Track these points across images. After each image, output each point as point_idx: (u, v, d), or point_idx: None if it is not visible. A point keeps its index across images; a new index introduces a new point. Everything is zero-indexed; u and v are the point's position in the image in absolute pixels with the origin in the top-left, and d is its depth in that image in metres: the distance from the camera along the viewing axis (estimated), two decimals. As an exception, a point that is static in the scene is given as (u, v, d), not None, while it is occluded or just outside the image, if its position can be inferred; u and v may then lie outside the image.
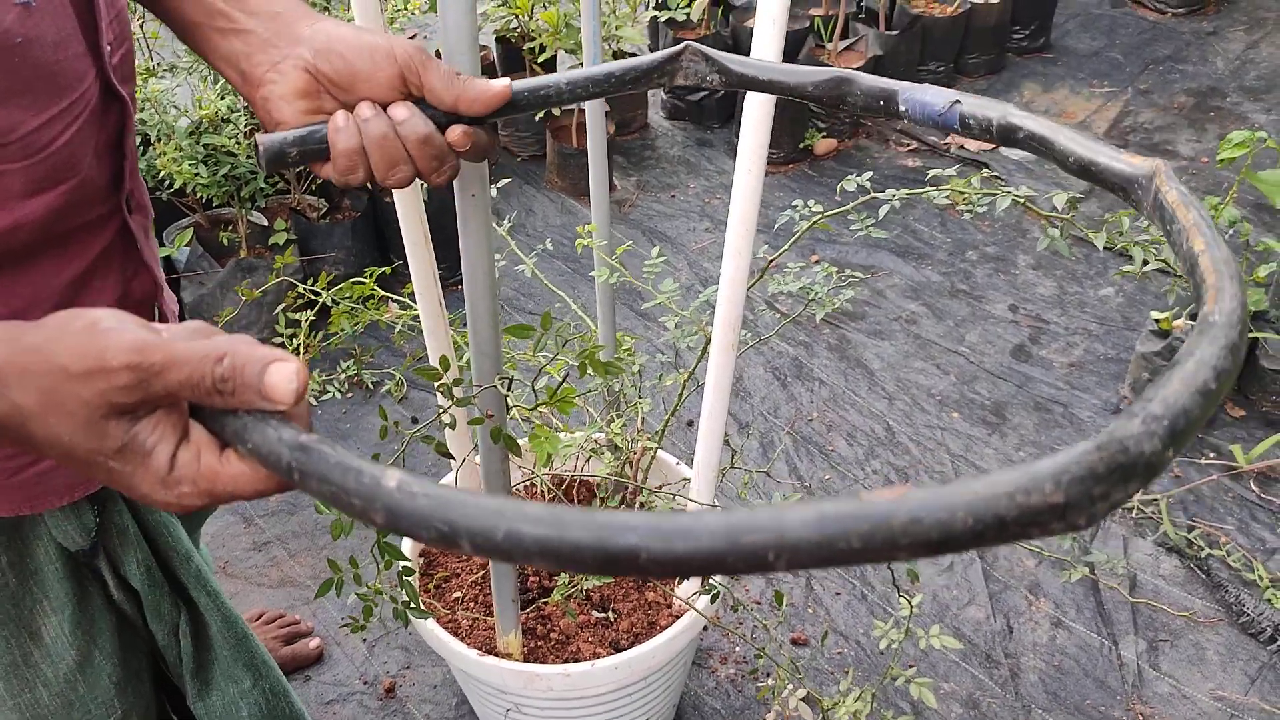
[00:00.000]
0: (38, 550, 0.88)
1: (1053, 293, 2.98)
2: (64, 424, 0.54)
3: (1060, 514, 0.36)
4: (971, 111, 0.67)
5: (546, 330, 0.98)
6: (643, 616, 1.58)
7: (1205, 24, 4.41)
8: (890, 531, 0.36)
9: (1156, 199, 0.56)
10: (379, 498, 0.45)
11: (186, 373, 0.53)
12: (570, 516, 0.40)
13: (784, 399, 2.61)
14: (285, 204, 2.87)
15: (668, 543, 0.38)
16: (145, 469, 0.54)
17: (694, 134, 3.81)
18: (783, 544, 0.36)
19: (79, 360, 0.53)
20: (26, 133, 0.70)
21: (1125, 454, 0.37)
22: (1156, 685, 1.91)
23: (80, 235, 0.80)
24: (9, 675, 0.89)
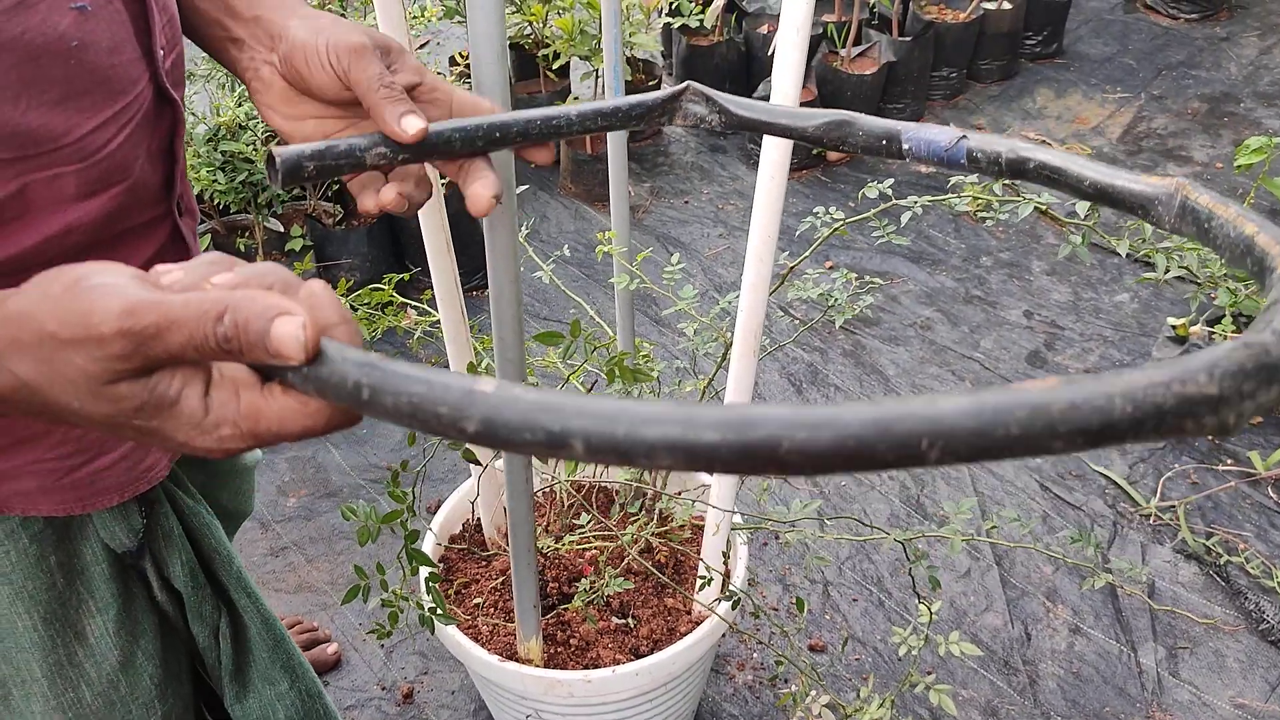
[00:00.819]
0: (84, 551, 0.89)
1: (1067, 299, 2.97)
2: (69, 393, 0.50)
3: (1214, 406, 0.36)
4: (979, 146, 0.67)
5: (576, 337, 0.99)
6: (663, 623, 1.58)
7: (1218, 29, 4.40)
8: (1050, 419, 0.35)
9: (1185, 207, 0.56)
10: (475, 405, 0.41)
11: (186, 334, 0.47)
12: (703, 414, 0.37)
13: (799, 405, 2.61)
14: (301, 210, 2.88)
15: (813, 433, 0.35)
16: (175, 418, 0.50)
17: (707, 140, 3.81)
18: (938, 431, 0.35)
19: (65, 326, 0.48)
20: (81, 135, 0.71)
21: (1268, 355, 0.37)
22: (1176, 692, 1.90)
23: (133, 238, 0.81)
24: (54, 674, 0.90)
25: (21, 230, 0.71)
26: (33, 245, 0.71)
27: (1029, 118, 3.88)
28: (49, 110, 0.68)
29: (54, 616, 0.88)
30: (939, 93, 3.99)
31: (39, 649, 0.88)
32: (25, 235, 0.71)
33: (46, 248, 0.72)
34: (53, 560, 0.87)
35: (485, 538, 1.71)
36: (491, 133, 0.77)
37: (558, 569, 1.64)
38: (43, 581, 0.86)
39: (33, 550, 0.85)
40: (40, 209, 0.71)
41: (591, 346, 1.03)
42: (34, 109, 0.67)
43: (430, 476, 2.42)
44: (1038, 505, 2.30)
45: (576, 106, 0.80)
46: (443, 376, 0.42)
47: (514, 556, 1.34)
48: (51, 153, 0.69)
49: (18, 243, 0.71)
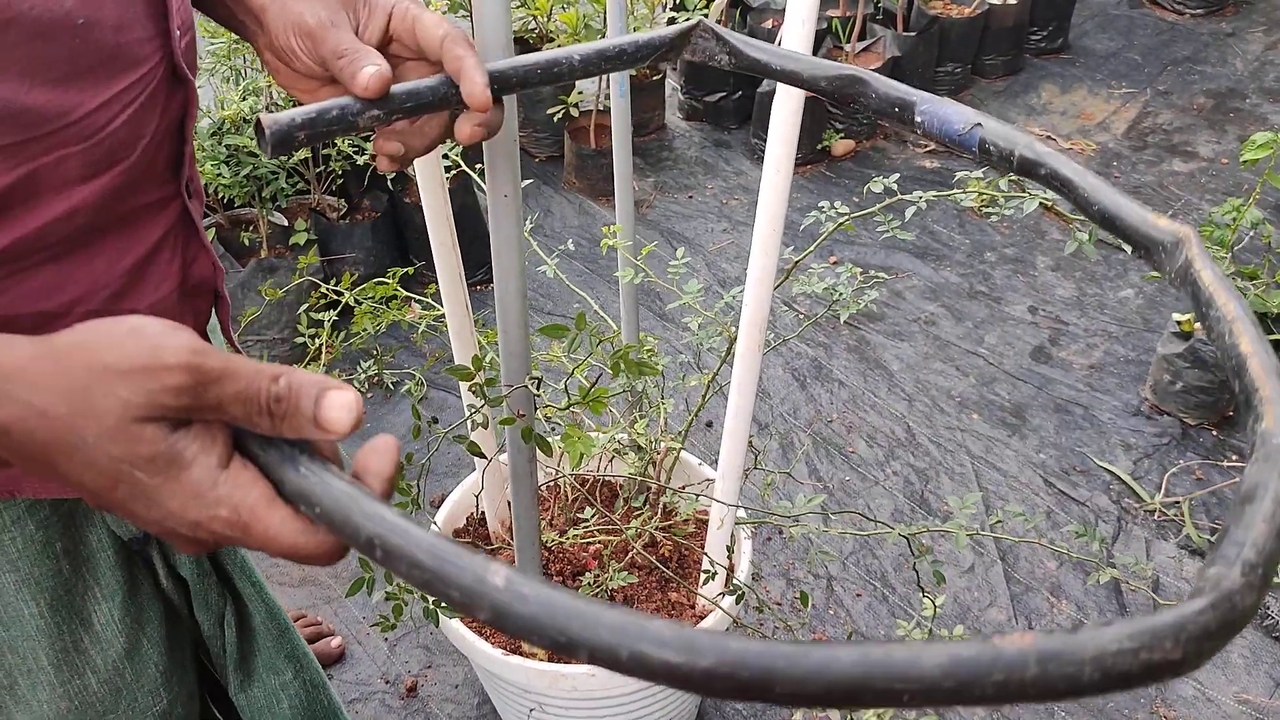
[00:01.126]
0: (90, 537, 0.89)
1: (1072, 294, 2.97)
2: (90, 427, 0.49)
3: (1176, 668, 0.38)
4: (993, 139, 0.65)
5: (581, 330, 0.99)
6: (666, 617, 1.58)
7: (1224, 25, 4.39)
8: (1022, 681, 0.37)
9: (1187, 273, 0.55)
10: (485, 595, 0.42)
11: (243, 384, 0.49)
12: (702, 642, 0.39)
13: (803, 400, 2.61)
14: (305, 204, 2.88)
15: (803, 677, 0.38)
16: (179, 482, 0.50)
17: (711, 135, 3.81)
18: (919, 686, 0.37)
19: (126, 358, 0.49)
20: (85, 114, 0.70)
21: (1233, 610, 0.38)
22: (1180, 688, 1.90)
23: (140, 219, 0.80)
24: (60, 662, 0.90)
25: (27, 215, 0.70)
26: (36, 229, 0.71)
27: (1034, 113, 3.87)
28: (53, 89, 0.68)
29: (60, 603, 0.88)
30: (944, 88, 3.98)
31: (45, 636, 0.88)
32: (30, 219, 0.70)
33: (50, 231, 0.72)
34: (59, 546, 0.87)
35: (489, 531, 1.71)
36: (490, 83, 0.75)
37: (562, 563, 1.64)
38: (49, 568, 0.86)
39: (39, 536, 0.85)
40: (45, 193, 0.71)
41: (596, 340, 1.03)
42: (39, 87, 0.67)
43: (434, 471, 2.42)
44: (1042, 501, 2.30)
45: (578, 48, 0.77)
46: (458, 558, 0.44)
47: (518, 550, 1.34)
48: (56, 133, 0.69)
49: (23, 226, 0.70)
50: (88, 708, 0.93)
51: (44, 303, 0.74)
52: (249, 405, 0.49)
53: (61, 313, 0.75)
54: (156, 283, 0.83)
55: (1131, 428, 2.49)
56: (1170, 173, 3.49)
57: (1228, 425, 2.48)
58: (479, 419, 1.14)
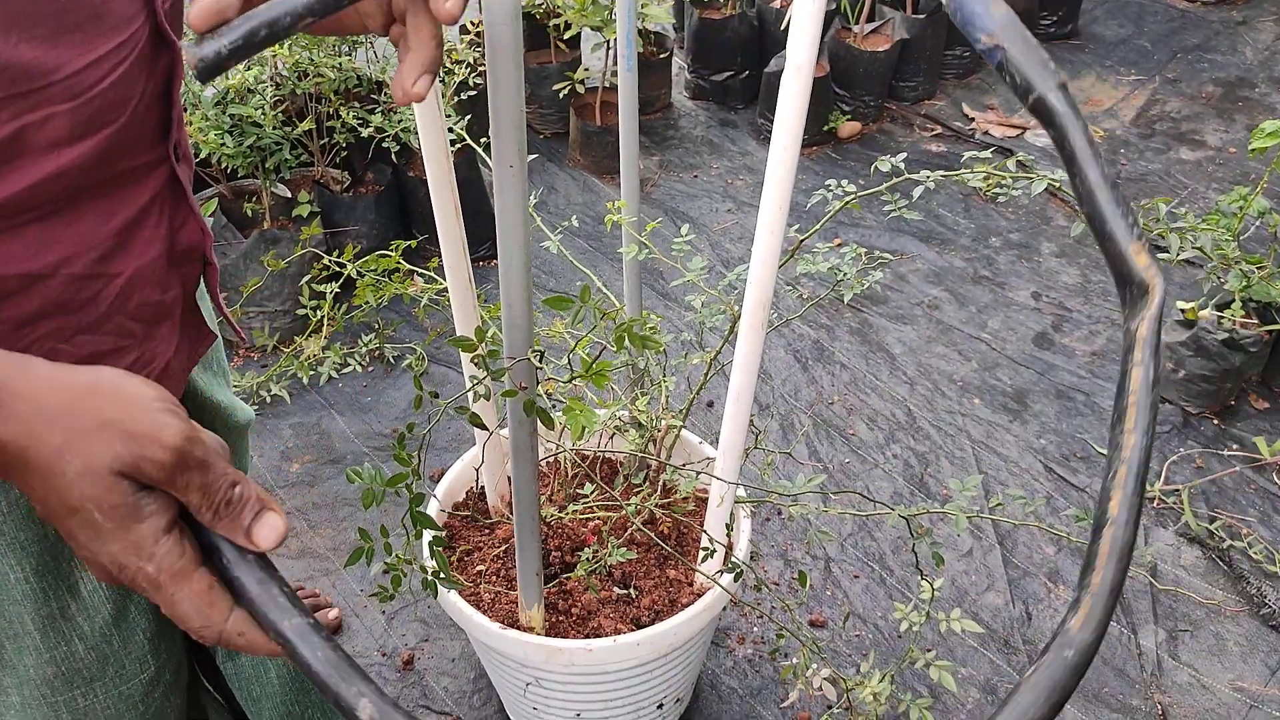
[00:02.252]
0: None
1: (1076, 281, 2.96)
2: (75, 464, 0.56)
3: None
4: (1015, 65, 0.57)
5: (586, 303, 0.98)
6: (664, 594, 1.58)
7: (1234, 13, 4.36)
8: None
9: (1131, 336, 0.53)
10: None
11: (210, 480, 0.59)
12: None
13: (805, 381, 2.61)
14: (309, 176, 2.87)
15: None
16: (127, 532, 0.58)
17: (717, 114, 3.79)
18: None
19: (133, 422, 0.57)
20: (73, 72, 0.70)
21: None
22: (1176, 675, 1.90)
23: (126, 182, 0.80)
24: (46, 627, 0.90)
25: (14, 174, 0.70)
26: (24, 188, 0.71)
27: (1042, 98, 3.85)
28: (40, 45, 0.67)
29: (46, 569, 0.88)
30: (952, 71, 3.96)
31: (31, 601, 0.88)
32: (18, 179, 0.70)
33: (38, 191, 0.72)
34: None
35: (489, 506, 1.71)
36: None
37: (561, 538, 1.64)
38: (34, 533, 0.86)
39: (23, 501, 0.84)
40: (32, 152, 0.70)
41: (600, 314, 1.02)
42: (25, 43, 0.66)
43: (433, 445, 2.42)
44: (1041, 486, 2.30)
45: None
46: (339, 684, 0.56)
47: (518, 524, 1.34)
48: (43, 89, 0.68)
49: (10, 186, 0.70)
50: (75, 674, 0.93)
51: (30, 263, 0.73)
52: (206, 497, 0.59)
53: (47, 274, 0.75)
54: (143, 246, 0.83)
55: (1132, 415, 2.49)
56: (1178, 161, 3.48)
57: (1229, 415, 2.47)
58: (481, 390, 1.13)
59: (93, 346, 0.81)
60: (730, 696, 1.88)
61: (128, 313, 0.82)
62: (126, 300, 0.82)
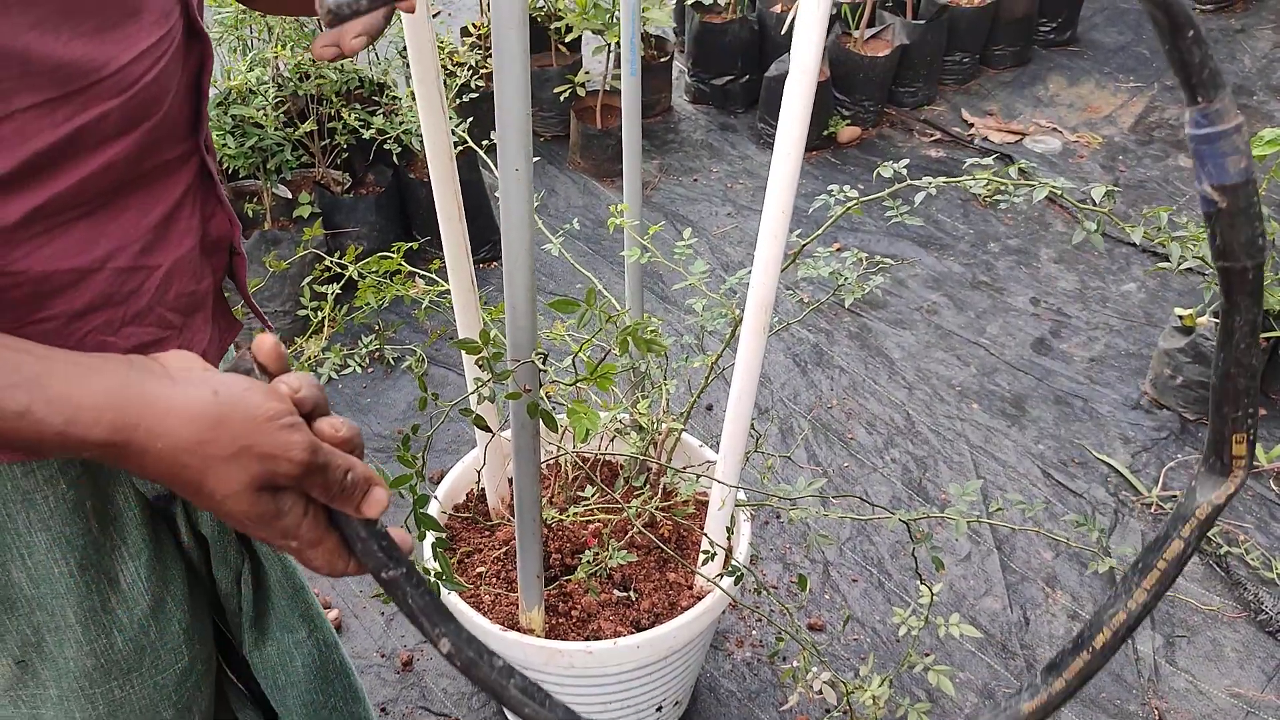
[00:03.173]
0: (117, 496, 0.89)
1: (1074, 287, 2.97)
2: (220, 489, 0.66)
3: None
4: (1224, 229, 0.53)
5: (591, 306, 0.99)
6: (664, 597, 1.59)
7: (1233, 21, 4.38)
8: None
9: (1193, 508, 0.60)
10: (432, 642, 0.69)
11: (329, 478, 0.68)
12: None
13: (804, 386, 2.61)
14: (310, 177, 2.87)
15: None
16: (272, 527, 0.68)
17: (717, 118, 3.80)
18: None
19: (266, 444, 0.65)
20: (121, 66, 0.71)
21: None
22: (1173, 680, 1.91)
23: (163, 175, 0.81)
24: (88, 620, 0.90)
25: (68, 171, 0.71)
26: (75, 184, 0.72)
27: (1041, 105, 3.86)
28: (88, 41, 0.68)
29: (89, 563, 0.88)
30: (951, 77, 3.97)
31: (74, 595, 0.88)
32: (70, 174, 0.72)
33: (87, 185, 0.73)
34: (89, 506, 0.87)
35: (489, 508, 1.72)
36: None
37: (561, 540, 1.64)
38: (80, 527, 0.86)
39: (70, 495, 0.85)
40: (86, 148, 0.72)
41: (604, 318, 1.03)
42: (75, 40, 0.67)
43: (433, 447, 2.42)
44: (1040, 491, 2.30)
45: None
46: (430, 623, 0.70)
47: (519, 527, 1.34)
48: (95, 85, 0.70)
49: (63, 182, 0.71)
50: (113, 665, 0.94)
51: (79, 258, 0.75)
52: (326, 490, 0.68)
53: (95, 268, 0.76)
54: (179, 238, 0.84)
55: (1131, 421, 2.50)
56: (1176, 168, 3.49)
57: None
58: (485, 393, 1.14)
59: (138, 338, 0.82)
60: (729, 699, 1.89)
61: (167, 304, 0.84)
62: (166, 291, 0.83)
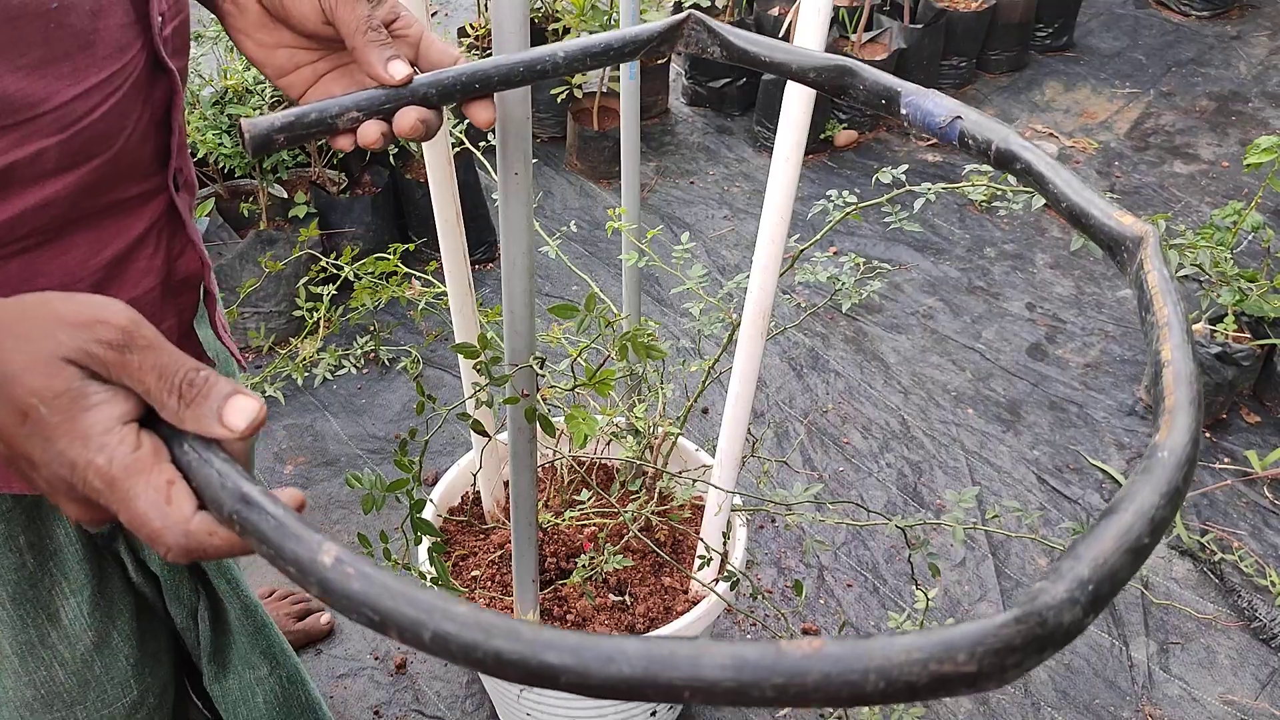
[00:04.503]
0: (58, 531, 0.87)
1: (1070, 292, 2.97)
2: (19, 359, 0.52)
3: (971, 682, 0.37)
4: (972, 131, 0.65)
5: (590, 311, 0.98)
6: (659, 601, 1.58)
7: (1229, 28, 4.39)
8: (803, 686, 0.37)
9: (1139, 274, 0.54)
10: (314, 572, 0.46)
11: (165, 360, 0.53)
12: (498, 626, 0.41)
13: (799, 390, 2.61)
14: (306, 177, 2.86)
15: (588, 667, 0.39)
16: (74, 424, 0.52)
17: (714, 121, 3.80)
18: (699, 684, 0.38)
19: (75, 310, 0.52)
20: (61, 104, 0.68)
21: (1043, 626, 0.37)
22: (1166, 687, 1.91)
23: (119, 213, 0.78)
24: (25, 654, 0.89)
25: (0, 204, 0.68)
26: (7, 219, 0.69)
27: (1037, 110, 3.87)
28: (27, 76, 0.65)
29: (23, 597, 0.86)
30: (948, 81, 3.97)
31: (8, 627, 0.87)
32: (2, 210, 0.68)
33: (21, 222, 0.70)
34: (22, 540, 0.85)
35: (485, 511, 1.71)
36: (470, 84, 0.75)
37: (557, 544, 1.64)
38: (11, 561, 0.84)
39: (1, 530, 0.83)
40: (19, 184, 0.69)
41: (604, 322, 1.02)
42: (10, 74, 0.64)
43: (428, 449, 2.42)
44: (1034, 498, 2.30)
45: (563, 45, 0.77)
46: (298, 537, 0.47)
47: (515, 530, 1.34)
48: (30, 121, 0.67)
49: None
50: (55, 697, 0.92)
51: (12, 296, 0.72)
52: (164, 380, 0.52)
53: None
54: (136, 279, 0.80)
55: (1125, 427, 2.50)
56: (1171, 174, 3.50)
57: (1221, 428, 2.48)
58: (483, 397, 1.13)
59: None
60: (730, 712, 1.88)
61: None
62: None
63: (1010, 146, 0.63)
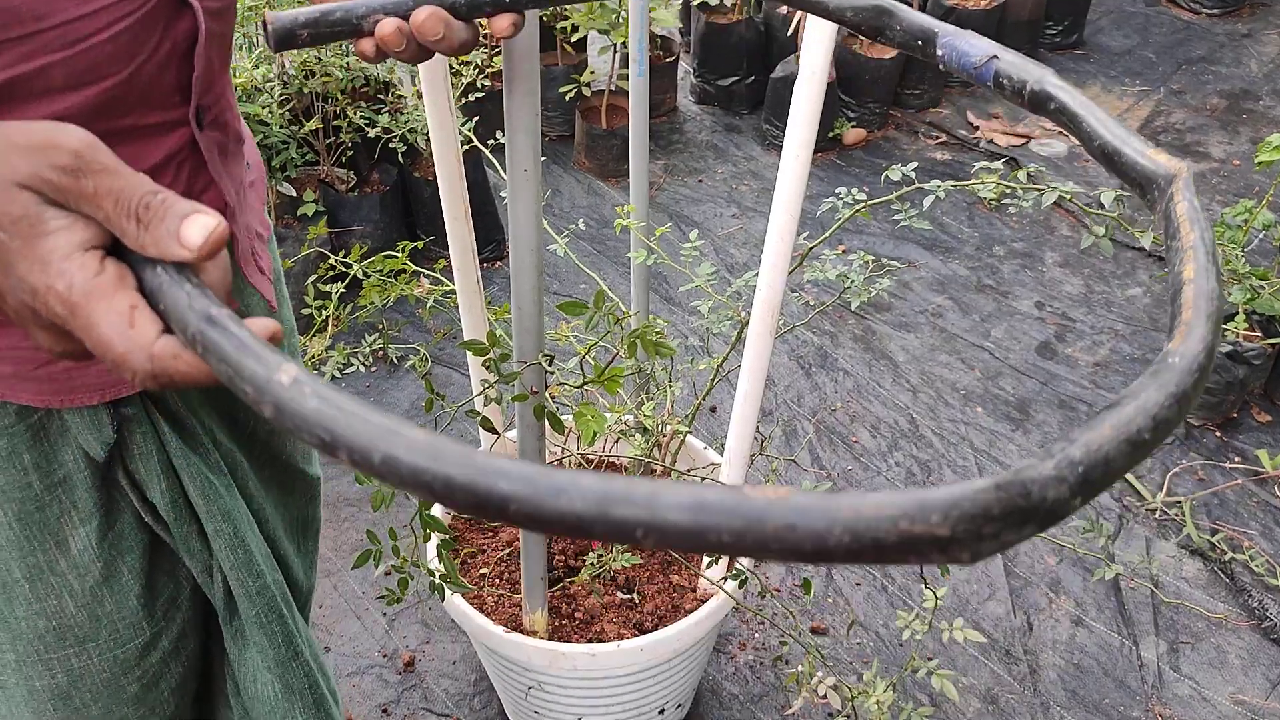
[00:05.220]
0: (65, 456, 0.87)
1: (1079, 291, 2.96)
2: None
3: (942, 546, 0.35)
4: (1008, 70, 0.65)
5: (599, 309, 0.98)
6: (667, 599, 1.58)
7: (1240, 25, 4.37)
8: (762, 533, 0.35)
9: (1168, 206, 0.53)
10: (270, 391, 0.44)
11: (122, 184, 0.51)
12: (450, 451, 0.39)
13: (808, 388, 2.61)
14: (314, 175, 2.87)
15: (539, 498, 0.37)
16: (33, 248, 0.51)
17: (722, 119, 3.80)
18: (652, 523, 0.36)
19: (27, 135, 0.51)
20: (65, 21, 0.69)
21: (1026, 498, 0.35)
22: (1176, 687, 1.90)
23: (135, 139, 0.78)
24: (34, 578, 0.88)
25: (5, 117, 0.68)
26: None
27: (1047, 108, 3.86)
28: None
29: (30, 519, 0.86)
30: (957, 80, 3.97)
31: (15, 547, 0.87)
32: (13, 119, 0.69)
33: None
34: (26, 459, 0.85)
35: (493, 509, 1.71)
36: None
37: (565, 542, 1.64)
38: (14, 478, 0.85)
39: (2, 444, 0.83)
40: (26, 97, 0.69)
41: (612, 320, 1.02)
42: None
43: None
44: (1043, 496, 2.30)
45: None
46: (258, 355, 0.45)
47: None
48: (34, 35, 0.67)
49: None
50: (66, 630, 0.92)
51: None
52: (121, 204, 0.51)
53: None
54: None
55: (1135, 426, 2.49)
56: (1182, 172, 3.48)
57: (1231, 426, 2.47)
58: (492, 394, 1.13)
59: None
60: (731, 703, 1.88)
61: None
62: None
63: (1045, 87, 0.62)
